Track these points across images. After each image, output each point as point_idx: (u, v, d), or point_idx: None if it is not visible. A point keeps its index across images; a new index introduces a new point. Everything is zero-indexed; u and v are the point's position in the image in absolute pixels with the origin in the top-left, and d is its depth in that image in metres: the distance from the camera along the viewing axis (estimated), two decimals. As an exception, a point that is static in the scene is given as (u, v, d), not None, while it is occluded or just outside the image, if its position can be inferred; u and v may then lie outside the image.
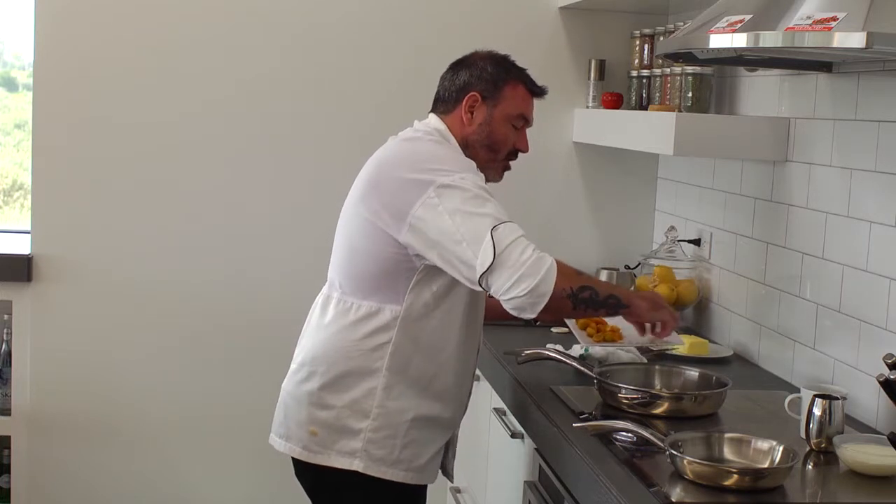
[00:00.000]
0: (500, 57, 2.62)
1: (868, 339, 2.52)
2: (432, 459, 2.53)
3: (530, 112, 2.60)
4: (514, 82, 2.57)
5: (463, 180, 2.37)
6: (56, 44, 3.62)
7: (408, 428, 2.46)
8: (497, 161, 2.58)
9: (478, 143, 2.55)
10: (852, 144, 2.62)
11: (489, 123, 2.55)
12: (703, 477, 1.99)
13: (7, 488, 3.70)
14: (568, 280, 2.29)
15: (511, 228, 2.33)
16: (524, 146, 2.61)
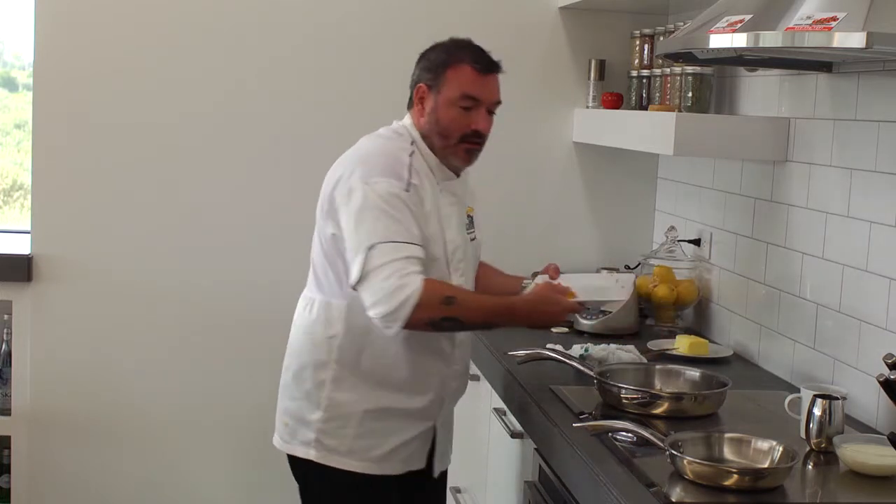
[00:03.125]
0: (449, 43, 2.60)
1: (868, 339, 2.52)
2: (396, 450, 2.54)
3: (478, 90, 2.53)
4: (456, 65, 2.53)
5: (375, 185, 2.41)
6: (56, 44, 3.62)
7: (361, 419, 2.51)
8: (451, 146, 2.55)
9: (431, 133, 2.56)
10: (852, 144, 2.62)
11: (435, 111, 2.55)
12: (703, 477, 1.99)
13: (7, 488, 3.70)
14: (429, 311, 2.34)
15: (387, 250, 2.35)
16: (480, 126, 2.55)
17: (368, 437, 2.52)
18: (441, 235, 2.52)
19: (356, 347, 2.50)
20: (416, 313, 2.32)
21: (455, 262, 2.55)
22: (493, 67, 2.56)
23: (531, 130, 3.82)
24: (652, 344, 3.07)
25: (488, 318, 2.47)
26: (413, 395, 2.54)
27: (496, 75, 2.57)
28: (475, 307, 2.44)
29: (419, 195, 2.47)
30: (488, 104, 2.56)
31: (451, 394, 2.64)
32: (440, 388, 2.59)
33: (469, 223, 2.67)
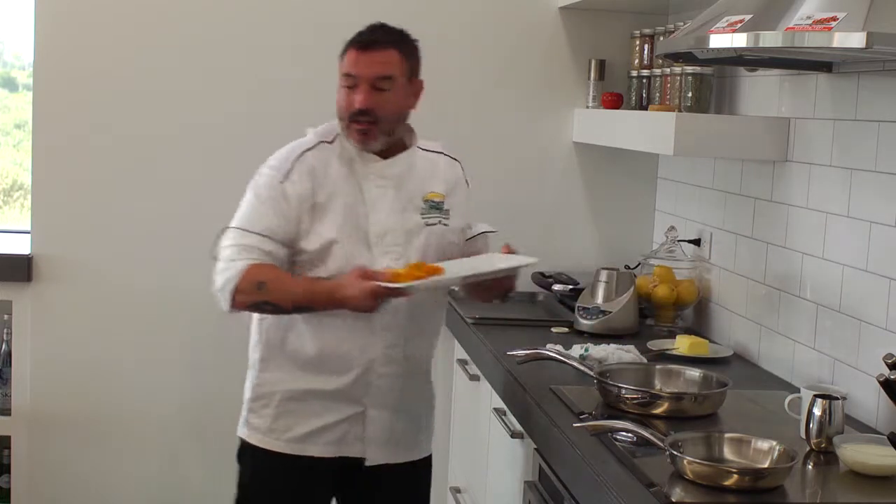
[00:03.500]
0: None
1: (868, 339, 2.52)
2: (318, 432, 2.57)
3: (355, 67, 2.54)
4: (345, 49, 2.59)
5: (260, 174, 2.59)
6: (56, 44, 3.62)
7: (281, 399, 2.59)
8: (345, 127, 2.57)
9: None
10: (852, 144, 2.62)
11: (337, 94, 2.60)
12: (703, 477, 1.99)
13: (7, 488, 3.70)
14: (247, 295, 2.47)
15: (232, 235, 2.53)
16: (356, 102, 2.52)
17: (288, 417, 2.58)
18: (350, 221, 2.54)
19: (281, 329, 2.58)
20: (238, 297, 2.46)
21: (384, 244, 2.56)
22: (370, 43, 2.55)
23: (531, 130, 3.82)
24: (652, 344, 3.07)
25: (297, 302, 2.48)
26: (332, 376, 2.56)
27: (381, 51, 2.55)
28: (283, 291, 2.47)
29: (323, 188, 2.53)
30: (368, 80, 2.52)
31: (381, 377, 2.59)
32: (365, 370, 2.57)
33: (429, 208, 2.63)
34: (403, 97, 2.58)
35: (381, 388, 2.60)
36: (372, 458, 2.62)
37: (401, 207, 2.59)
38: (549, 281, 3.62)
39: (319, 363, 2.57)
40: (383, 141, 2.58)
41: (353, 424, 2.59)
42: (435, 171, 2.69)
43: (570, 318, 3.35)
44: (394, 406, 2.63)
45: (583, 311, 3.29)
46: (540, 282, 3.69)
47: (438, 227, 2.64)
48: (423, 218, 2.62)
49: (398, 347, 2.61)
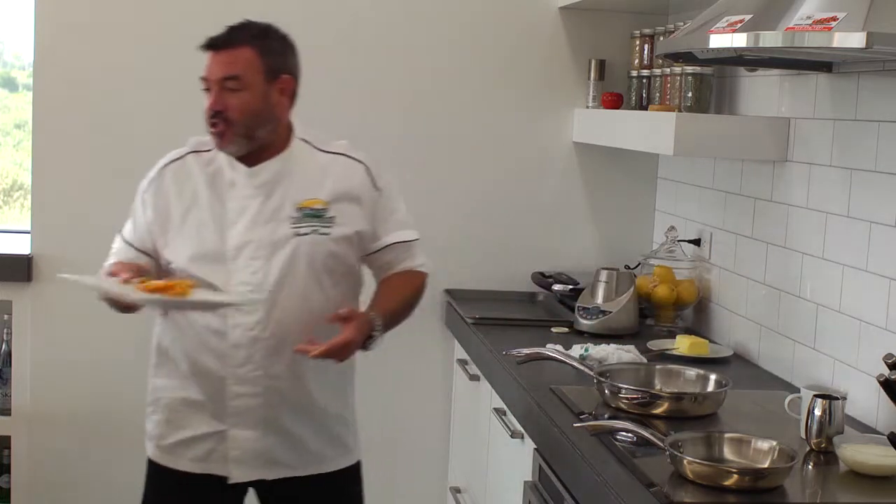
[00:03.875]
0: None
1: (868, 339, 2.52)
2: (183, 444, 2.50)
3: (206, 70, 2.49)
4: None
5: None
6: (56, 44, 3.62)
7: (164, 405, 2.55)
8: (209, 129, 2.49)
9: None
10: (852, 144, 2.62)
11: None
12: (703, 477, 1.99)
13: (7, 488, 3.70)
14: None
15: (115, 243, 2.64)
16: (208, 104, 2.47)
17: (163, 426, 2.54)
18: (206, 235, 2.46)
19: (164, 336, 2.58)
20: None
21: (241, 258, 2.43)
22: (219, 44, 2.48)
23: (531, 130, 3.82)
24: (652, 344, 3.07)
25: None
26: (194, 389, 2.50)
27: (230, 50, 2.46)
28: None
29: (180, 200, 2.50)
30: (217, 81, 2.45)
31: (238, 398, 2.46)
32: (220, 388, 2.46)
33: (303, 217, 2.46)
34: (260, 97, 2.44)
35: (238, 408, 2.46)
36: (237, 476, 2.50)
37: (266, 218, 2.45)
38: (549, 281, 3.62)
39: (188, 375, 2.50)
40: (242, 144, 2.45)
41: (217, 442, 2.49)
42: (325, 176, 2.51)
43: (570, 318, 3.35)
44: (261, 426, 2.47)
45: (583, 311, 3.29)
46: (540, 282, 3.69)
47: (311, 237, 2.46)
48: (293, 228, 2.45)
49: (254, 367, 2.44)
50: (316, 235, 2.46)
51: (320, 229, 2.47)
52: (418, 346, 3.80)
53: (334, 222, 2.48)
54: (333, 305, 2.46)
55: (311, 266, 2.46)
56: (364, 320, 2.43)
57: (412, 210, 3.76)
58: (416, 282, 2.62)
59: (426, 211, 3.77)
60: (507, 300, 3.74)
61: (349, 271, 2.55)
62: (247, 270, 2.44)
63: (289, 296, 2.45)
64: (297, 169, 2.50)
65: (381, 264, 2.61)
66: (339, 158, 2.55)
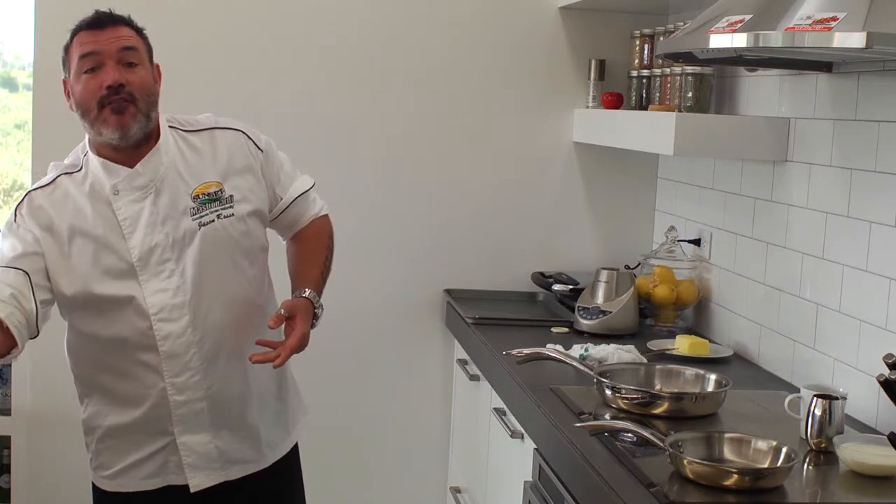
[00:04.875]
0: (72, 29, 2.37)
1: (868, 339, 2.52)
2: (133, 467, 2.41)
3: (95, 45, 2.30)
4: (71, 40, 2.35)
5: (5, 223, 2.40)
6: (56, 44, 3.59)
7: (101, 435, 2.44)
8: (96, 118, 2.31)
9: (82, 121, 2.37)
10: (852, 144, 2.62)
11: (74, 94, 2.35)
12: (703, 477, 1.99)
13: (7, 488, 3.69)
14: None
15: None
16: (108, 78, 2.28)
17: (106, 454, 2.44)
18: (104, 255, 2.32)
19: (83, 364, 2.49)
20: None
21: (152, 265, 2.32)
22: (103, 20, 2.32)
23: (531, 130, 3.82)
24: (652, 344, 3.07)
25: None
26: (130, 408, 2.38)
27: (116, 27, 2.33)
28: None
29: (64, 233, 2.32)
30: (113, 55, 2.29)
31: (183, 405, 2.37)
32: (160, 402, 2.36)
33: (200, 205, 2.35)
34: (150, 76, 2.35)
35: (183, 416, 2.37)
36: (197, 483, 2.41)
37: (163, 217, 2.32)
38: (549, 281, 3.62)
39: (118, 396, 2.39)
40: (143, 125, 2.30)
41: (168, 454, 2.40)
42: (207, 156, 2.40)
43: (570, 318, 3.35)
44: (211, 427, 2.41)
45: (583, 311, 3.29)
46: (540, 282, 3.69)
47: (217, 223, 2.35)
48: (194, 219, 2.34)
49: (192, 373, 2.36)
50: (221, 220, 2.36)
51: (223, 212, 2.36)
52: (418, 346, 3.80)
53: (234, 200, 2.38)
54: (255, 286, 2.43)
55: (226, 253, 2.38)
56: (306, 307, 2.38)
57: (411, 210, 3.79)
58: (327, 231, 2.60)
59: (426, 210, 3.79)
60: (507, 300, 3.74)
61: (261, 245, 2.48)
62: (160, 277, 2.32)
63: (211, 290, 2.35)
64: (177, 157, 2.37)
65: (287, 223, 2.56)
66: (214, 133, 2.44)
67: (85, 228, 2.33)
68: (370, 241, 3.73)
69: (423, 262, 3.77)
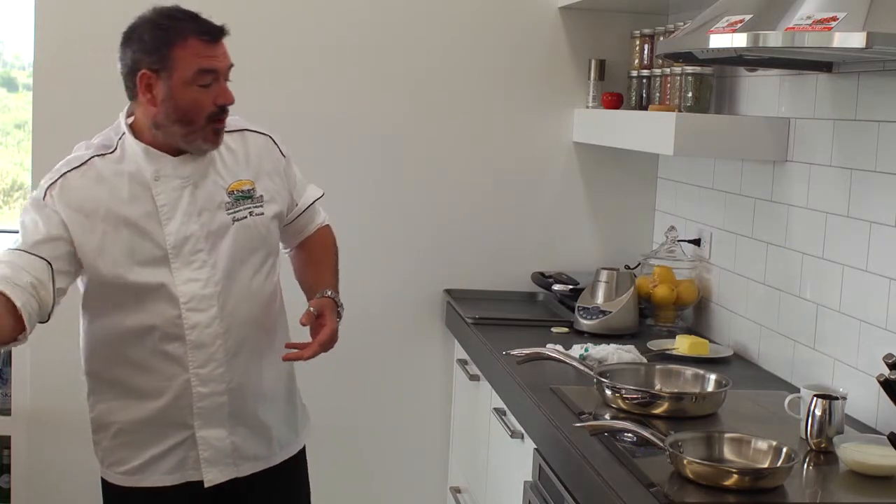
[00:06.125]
0: (161, 16, 2.32)
1: (868, 339, 2.52)
2: (153, 461, 2.41)
3: (213, 62, 2.30)
4: (180, 41, 2.27)
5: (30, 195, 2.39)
6: (56, 44, 3.62)
7: (116, 430, 2.42)
8: (199, 130, 2.32)
9: (168, 121, 2.31)
10: (852, 144, 2.62)
11: (172, 97, 2.29)
12: (703, 477, 1.99)
13: (7, 488, 3.69)
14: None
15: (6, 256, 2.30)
16: (225, 98, 2.33)
17: (123, 449, 2.42)
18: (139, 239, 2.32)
19: (100, 359, 2.44)
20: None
21: (185, 254, 2.33)
22: (217, 34, 2.32)
23: (531, 130, 3.82)
24: (652, 344, 3.07)
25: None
26: (150, 401, 2.38)
27: (223, 41, 2.35)
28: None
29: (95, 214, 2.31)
30: (224, 73, 2.34)
31: (206, 398, 2.39)
32: (183, 393, 2.37)
33: (235, 201, 2.39)
34: None
35: (204, 409, 2.39)
36: (211, 478, 2.43)
37: (199, 208, 2.35)
38: (549, 281, 3.62)
39: (135, 390, 2.39)
40: None
41: (188, 448, 2.41)
42: (242, 155, 2.45)
43: (570, 318, 3.35)
44: (228, 422, 2.43)
45: (583, 311, 3.29)
46: (540, 282, 3.69)
47: (249, 220, 2.40)
48: (229, 214, 2.38)
49: (216, 364, 2.38)
50: (252, 217, 2.42)
51: (255, 210, 2.42)
52: (418, 346, 3.81)
53: (264, 200, 2.44)
54: (271, 285, 2.49)
55: (255, 249, 2.43)
56: (331, 305, 2.45)
57: (411, 210, 3.79)
58: (332, 238, 2.69)
59: (426, 210, 3.79)
60: (507, 300, 3.74)
61: (277, 246, 2.55)
62: (191, 267, 2.34)
63: (239, 285, 2.40)
64: (216, 153, 2.40)
65: (296, 230, 2.62)
66: (245, 134, 2.48)
67: (120, 211, 2.33)
68: (370, 241, 3.73)
69: (423, 262, 3.77)
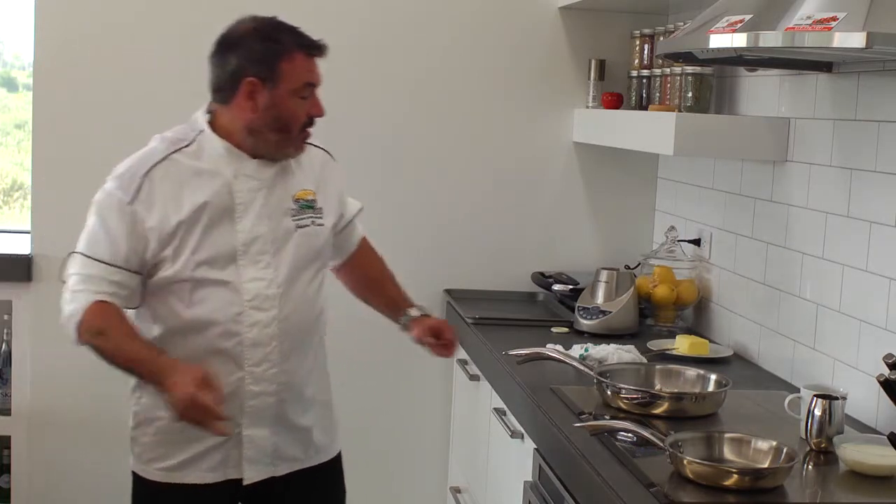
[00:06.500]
0: (267, 27, 2.42)
1: (868, 339, 2.52)
2: (197, 458, 2.41)
3: (315, 76, 2.42)
4: (288, 54, 2.37)
5: (105, 189, 2.38)
6: (56, 44, 3.62)
7: (160, 426, 2.42)
8: (291, 138, 2.41)
9: (265, 128, 2.38)
10: (852, 144, 2.62)
11: (274, 106, 2.37)
12: (703, 477, 1.99)
13: (7, 488, 3.70)
14: (87, 336, 2.29)
15: (77, 262, 2.32)
16: (318, 111, 2.43)
17: (165, 445, 2.42)
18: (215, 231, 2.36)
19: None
20: (82, 334, 2.28)
21: (251, 254, 2.38)
22: (322, 49, 2.43)
23: (531, 130, 3.82)
24: (652, 344, 3.07)
25: (125, 365, 2.31)
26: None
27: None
28: (116, 348, 2.29)
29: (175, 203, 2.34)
30: (318, 87, 2.45)
31: (257, 396, 2.41)
32: (236, 391, 2.38)
33: (299, 209, 2.45)
34: None
35: (254, 407, 2.42)
36: (251, 476, 2.45)
37: (270, 212, 2.41)
38: (549, 281, 3.62)
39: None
40: None
41: (234, 446, 2.42)
42: (304, 166, 2.51)
43: (570, 318, 3.35)
44: (272, 423, 2.46)
45: (583, 311, 3.29)
46: (540, 282, 3.69)
47: (311, 228, 2.47)
48: (294, 220, 2.44)
49: (270, 364, 2.42)
50: (314, 227, 2.48)
51: (316, 220, 2.49)
52: (418, 346, 3.80)
53: (323, 212, 2.51)
54: (321, 296, 2.53)
55: (313, 258, 2.49)
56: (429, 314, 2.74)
57: (411, 210, 3.79)
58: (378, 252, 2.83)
59: (426, 210, 3.79)
60: (507, 300, 3.74)
61: (328, 259, 2.61)
62: (257, 266, 2.39)
63: (297, 290, 2.45)
64: (287, 161, 2.47)
65: (341, 241, 2.68)
66: (308, 147, 2.52)
67: (198, 205, 2.36)
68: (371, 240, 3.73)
69: (423, 262, 3.77)
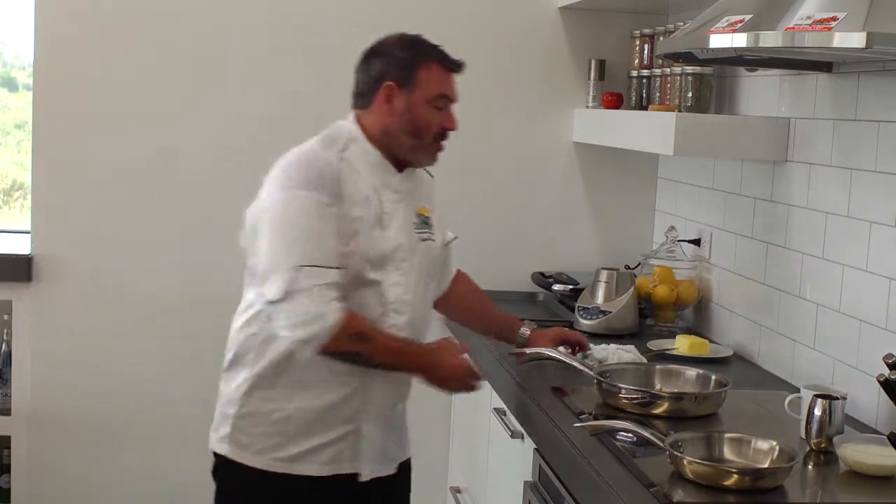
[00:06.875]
0: (410, 39, 2.52)
1: (868, 339, 2.52)
2: (313, 451, 2.43)
3: (451, 89, 2.49)
4: (426, 63, 2.45)
5: (298, 196, 2.36)
6: (56, 44, 3.62)
7: (276, 418, 2.43)
8: (425, 145, 2.49)
9: (400, 132, 2.45)
10: (852, 144, 2.62)
11: (409, 111, 2.44)
12: (703, 477, 1.99)
13: (7, 488, 3.70)
14: (337, 344, 2.31)
15: (312, 274, 2.31)
16: (451, 125, 2.50)
17: (280, 437, 2.43)
18: (373, 234, 2.41)
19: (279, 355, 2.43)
20: (330, 344, 2.31)
21: (396, 260, 2.44)
22: (460, 66, 2.50)
23: (531, 130, 3.82)
24: (652, 344, 3.07)
25: (392, 359, 2.39)
26: (325, 394, 2.42)
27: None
28: (382, 346, 2.37)
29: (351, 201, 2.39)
30: (454, 103, 2.51)
31: (379, 395, 2.47)
32: (360, 387, 2.43)
33: (421, 223, 2.54)
34: None
35: (377, 405, 2.48)
36: (367, 473, 2.49)
37: (405, 223, 2.50)
38: (549, 281, 3.62)
39: (316, 381, 2.42)
40: None
41: (348, 442, 2.46)
42: (421, 183, 2.61)
43: (570, 318, 3.35)
44: (387, 419, 2.52)
45: (583, 311, 3.29)
46: (540, 282, 3.69)
47: (430, 243, 2.56)
48: (417, 234, 2.53)
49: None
50: (432, 242, 2.57)
51: (432, 236, 2.58)
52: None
53: (436, 229, 2.61)
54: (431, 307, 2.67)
55: (432, 272, 2.59)
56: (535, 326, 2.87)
57: (412, 210, 3.79)
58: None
59: (426, 211, 3.78)
60: (507, 300, 3.73)
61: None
62: (398, 272, 2.46)
63: (423, 298, 2.55)
64: (415, 178, 2.58)
65: (442, 265, 2.72)
66: (418, 170, 2.61)
67: (359, 212, 2.41)
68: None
69: (423, 262, 3.77)
